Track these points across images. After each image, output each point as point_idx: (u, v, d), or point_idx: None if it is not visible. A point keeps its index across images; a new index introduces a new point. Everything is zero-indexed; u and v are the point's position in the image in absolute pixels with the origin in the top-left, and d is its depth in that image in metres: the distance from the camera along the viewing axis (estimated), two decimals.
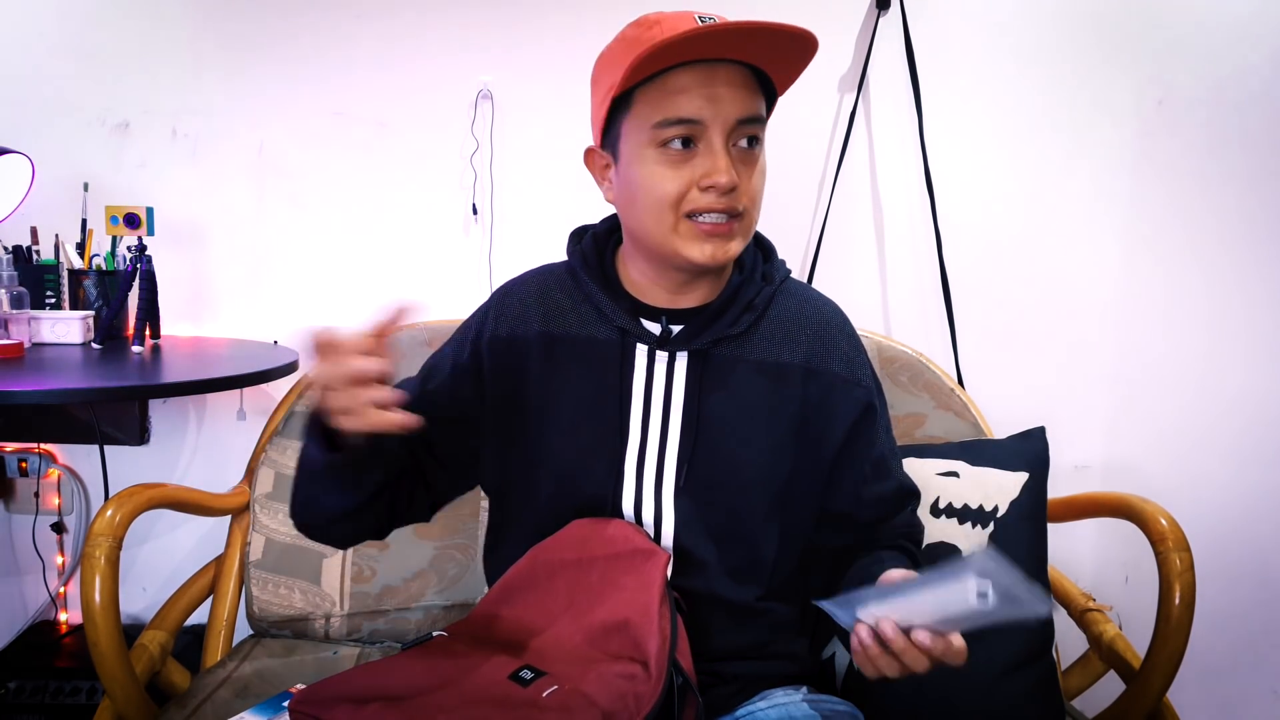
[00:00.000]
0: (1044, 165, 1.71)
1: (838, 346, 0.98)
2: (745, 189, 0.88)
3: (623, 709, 0.78)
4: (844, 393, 0.97)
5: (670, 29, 0.83)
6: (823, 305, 1.02)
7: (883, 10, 1.66)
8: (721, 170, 0.85)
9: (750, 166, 0.89)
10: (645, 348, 0.96)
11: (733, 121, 0.86)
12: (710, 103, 0.85)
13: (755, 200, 0.91)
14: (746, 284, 0.96)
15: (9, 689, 1.62)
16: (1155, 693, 1.18)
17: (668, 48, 0.82)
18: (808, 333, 0.97)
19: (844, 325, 1.01)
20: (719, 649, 0.95)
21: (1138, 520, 1.23)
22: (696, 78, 0.85)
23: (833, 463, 0.98)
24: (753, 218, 0.92)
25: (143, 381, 1.35)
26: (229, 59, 1.71)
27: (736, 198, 0.88)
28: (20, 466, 1.78)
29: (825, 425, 0.97)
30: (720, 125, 0.86)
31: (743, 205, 0.89)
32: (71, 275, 1.64)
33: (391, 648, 1.39)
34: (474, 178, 1.72)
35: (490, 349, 0.99)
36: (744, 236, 0.91)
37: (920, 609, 0.73)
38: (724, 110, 0.86)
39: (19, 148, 1.58)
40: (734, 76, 0.86)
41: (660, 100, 0.86)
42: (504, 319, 1.00)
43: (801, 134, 1.71)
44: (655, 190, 0.88)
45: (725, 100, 0.86)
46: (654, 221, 0.89)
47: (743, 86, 0.87)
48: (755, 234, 1.02)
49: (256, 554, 1.40)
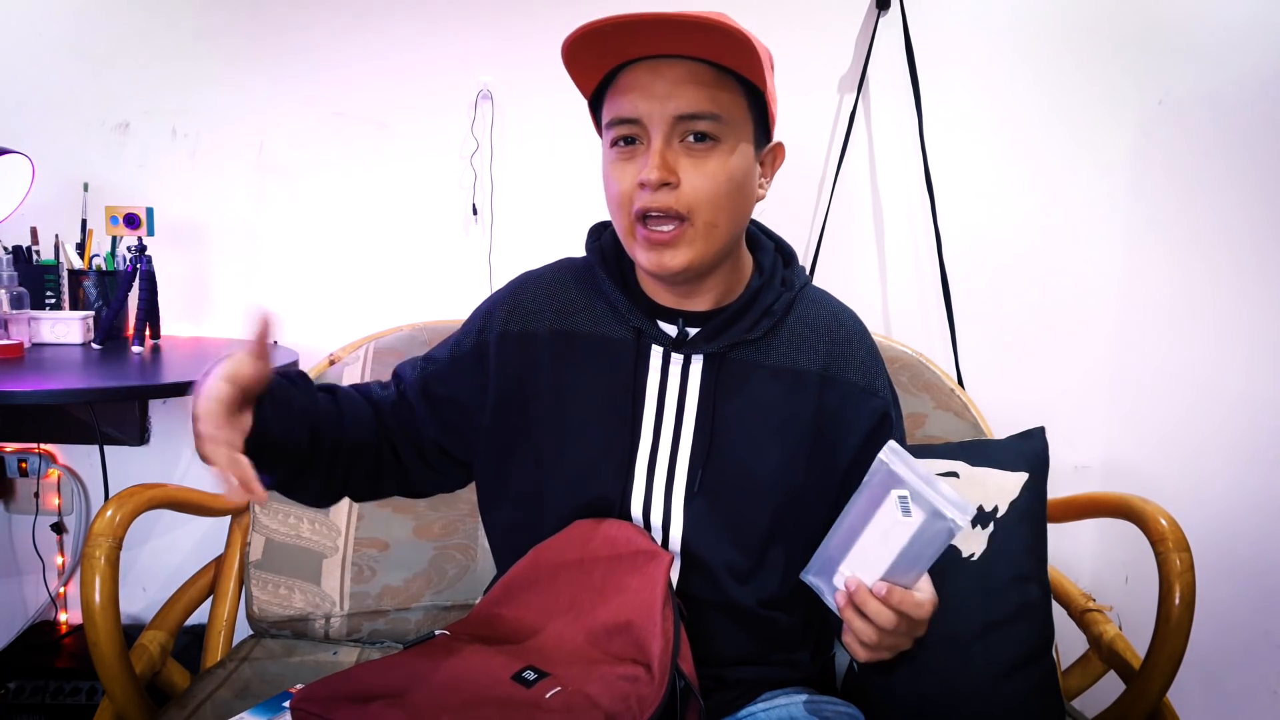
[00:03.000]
0: (1044, 165, 1.71)
1: (855, 355, 0.97)
2: (690, 189, 0.85)
3: (625, 711, 0.77)
4: (860, 402, 0.95)
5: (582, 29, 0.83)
6: (841, 313, 1.00)
7: (883, 10, 1.66)
8: (652, 166, 0.84)
9: (701, 166, 0.85)
10: (660, 349, 0.95)
11: (670, 118, 0.84)
12: (648, 99, 0.85)
13: (707, 202, 0.85)
14: (765, 289, 0.95)
15: (9, 689, 1.62)
16: (1155, 693, 1.18)
17: (577, 44, 0.83)
18: (825, 340, 0.96)
19: (863, 335, 1.00)
20: (722, 654, 0.95)
21: (1138, 520, 1.23)
22: (640, 76, 0.85)
23: (845, 472, 0.96)
24: (708, 222, 0.86)
25: (143, 381, 1.35)
26: (229, 59, 1.70)
27: (675, 196, 0.85)
28: (20, 466, 1.78)
29: (840, 434, 0.95)
30: (660, 122, 0.85)
31: (687, 207, 0.85)
32: (71, 275, 1.64)
33: (391, 648, 1.39)
34: (474, 178, 1.72)
35: (500, 343, 0.98)
36: (696, 244, 0.87)
37: (874, 550, 0.75)
38: (663, 107, 0.84)
39: (19, 148, 1.58)
40: (680, 73, 0.84)
41: (611, 100, 0.88)
42: (516, 314, 0.99)
43: (801, 134, 1.71)
44: (609, 191, 0.89)
45: (664, 97, 0.84)
46: (616, 222, 0.91)
47: (690, 82, 0.84)
48: (776, 240, 1.01)
49: (256, 554, 1.40)
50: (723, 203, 0.87)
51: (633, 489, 0.94)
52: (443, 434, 0.99)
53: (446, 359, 1.00)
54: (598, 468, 0.95)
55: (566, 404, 0.96)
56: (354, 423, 0.94)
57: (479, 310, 1.02)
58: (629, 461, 0.95)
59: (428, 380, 1.00)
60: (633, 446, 0.95)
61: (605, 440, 0.95)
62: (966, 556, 1.23)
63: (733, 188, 0.87)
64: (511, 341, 0.98)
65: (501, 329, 0.98)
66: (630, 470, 0.95)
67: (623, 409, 0.95)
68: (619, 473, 0.95)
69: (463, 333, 1.02)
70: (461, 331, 1.02)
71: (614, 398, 0.95)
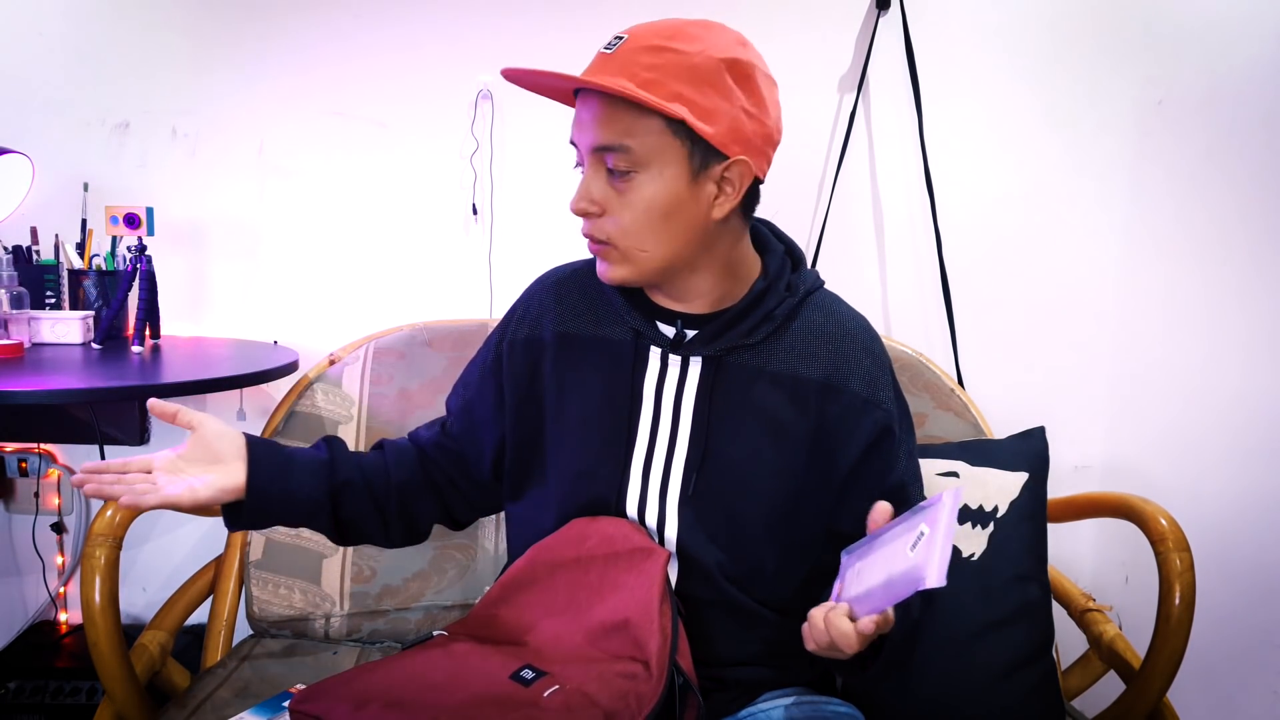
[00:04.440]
0: (1044, 165, 1.71)
1: (859, 364, 0.94)
2: (609, 219, 0.88)
3: (624, 709, 0.77)
4: (862, 413, 0.93)
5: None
6: (848, 320, 0.97)
7: (883, 10, 1.66)
8: (577, 196, 0.89)
9: (621, 196, 0.87)
10: (659, 351, 0.95)
11: (588, 147, 0.88)
12: (579, 129, 0.89)
13: (624, 233, 0.87)
14: (769, 293, 0.93)
15: (9, 689, 1.62)
16: (1155, 693, 1.18)
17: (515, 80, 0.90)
18: (829, 348, 0.94)
19: (870, 343, 0.97)
20: (722, 654, 0.95)
21: (1138, 520, 1.23)
22: (580, 104, 0.89)
23: (844, 483, 0.94)
24: (630, 248, 0.88)
25: (143, 381, 1.35)
26: (229, 59, 1.70)
27: (596, 225, 0.89)
28: (20, 466, 1.78)
29: (840, 444, 0.93)
30: (586, 150, 0.88)
31: (605, 235, 0.88)
32: (71, 275, 1.64)
33: (391, 648, 1.39)
34: (474, 178, 1.72)
35: (509, 350, 1.01)
36: (626, 265, 0.89)
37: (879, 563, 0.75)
38: (585, 136, 0.88)
39: (19, 148, 1.58)
40: (595, 106, 0.86)
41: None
42: (525, 320, 1.01)
43: (801, 134, 1.71)
44: None
45: (587, 127, 0.87)
46: None
47: (605, 115, 0.85)
48: (788, 243, 1.00)
49: (256, 554, 1.40)
50: (645, 231, 0.87)
51: (628, 490, 0.95)
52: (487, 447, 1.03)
53: (476, 379, 1.05)
54: (595, 468, 0.96)
55: (568, 405, 0.97)
56: (397, 466, 1.02)
57: (500, 322, 1.06)
58: (625, 463, 0.95)
59: (468, 404, 1.04)
60: (629, 448, 0.95)
61: (603, 441, 0.95)
62: (966, 556, 1.23)
63: (655, 215, 0.87)
64: (520, 347, 1.00)
65: (512, 336, 1.01)
66: (626, 471, 0.95)
67: (620, 410, 0.95)
68: (615, 473, 0.95)
69: (486, 346, 1.06)
70: (486, 345, 1.06)
71: (613, 398, 0.95)
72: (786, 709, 0.96)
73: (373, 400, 1.48)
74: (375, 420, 1.46)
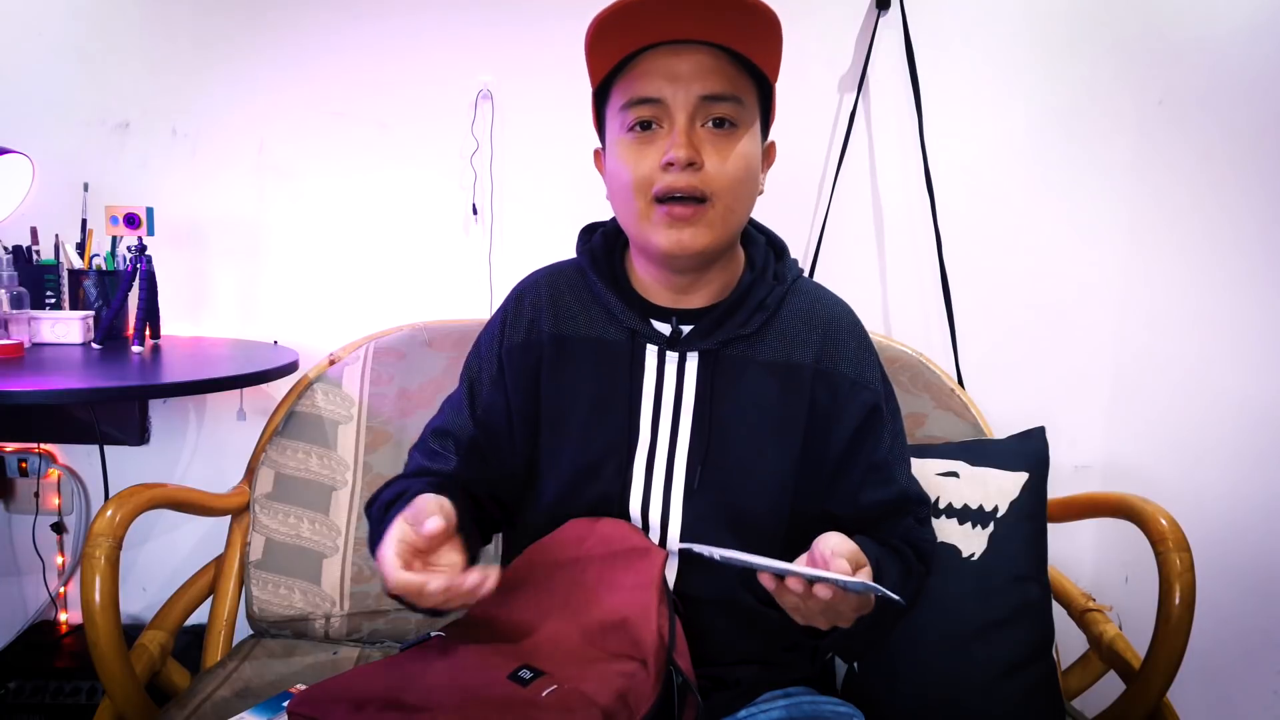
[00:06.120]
0: (1044, 165, 1.71)
1: (846, 347, 0.97)
2: (714, 171, 0.85)
3: (622, 708, 0.78)
4: (851, 395, 0.95)
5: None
6: (832, 305, 1.00)
7: (883, 10, 1.66)
8: (679, 144, 0.84)
9: (723, 150, 0.86)
10: (655, 348, 0.95)
11: (695, 98, 0.85)
12: (671, 81, 0.85)
13: (728, 186, 0.86)
14: (758, 283, 0.95)
15: (9, 689, 1.62)
16: (1155, 693, 1.18)
17: (605, 23, 0.84)
18: (818, 333, 0.96)
19: (854, 326, 1.00)
20: (722, 653, 0.95)
21: (1138, 520, 1.23)
22: (660, 60, 0.86)
23: (835, 464, 0.96)
24: (728, 206, 0.87)
25: (143, 381, 1.35)
26: (229, 59, 1.71)
27: (700, 177, 0.85)
28: (20, 466, 1.78)
29: (831, 427, 0.95)
30: (683, 103, 0.85)
31: (710, 189, 0.85)
32: (71, 275, 1.64)
33: (391, 648, 1.39)
34: (474, 178, 1.72)
35: (508, 357, 1.00)
36: (716, 227, 0.87)
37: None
38: (686, 87, 0.85)
39: (19, 148, 1.58)
40: (701, 58, 0.85)
41: (628, 84, 0.88)
42: (519, 325, 1.00)
43: (801, 134, 1.71)
44: (624, 175, 0.88)
45: (688, 78, 0.85)
46: (627, 208, 0.90)
47: (713, 65, 0.85)
48: (767, 233, 1.01)
49: (256, 554, 1.40)
50: (740, 189, 0.88)
51: (631, 488, 0.95)
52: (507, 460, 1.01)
53: (486, 385, 1.02)
54: (598, 468, 0.96)
55: (567, 407, 0.97)
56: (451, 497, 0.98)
57: (489, 332, 1.03)
58: (628, 461, 0.95)
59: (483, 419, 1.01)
60: (631, 446, 0.95)
61: (605, 441, 0.95)
62: (966, 556, 1.23)
63: (749, 174, 0.88)
64: (517, 352, 0.99)
65: (509, 342, 1.00)
66: (629, 469, 0.95)
67: (620, 409, 0.95)
68: (618, 472, 0.95)
69: (488, 359, 1.02)
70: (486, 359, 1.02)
71: (612, 399, 0.95)
72: (786, 709, 0.96)
73: (373, 400, 1.47)
74: (375, 420, 1.46)
